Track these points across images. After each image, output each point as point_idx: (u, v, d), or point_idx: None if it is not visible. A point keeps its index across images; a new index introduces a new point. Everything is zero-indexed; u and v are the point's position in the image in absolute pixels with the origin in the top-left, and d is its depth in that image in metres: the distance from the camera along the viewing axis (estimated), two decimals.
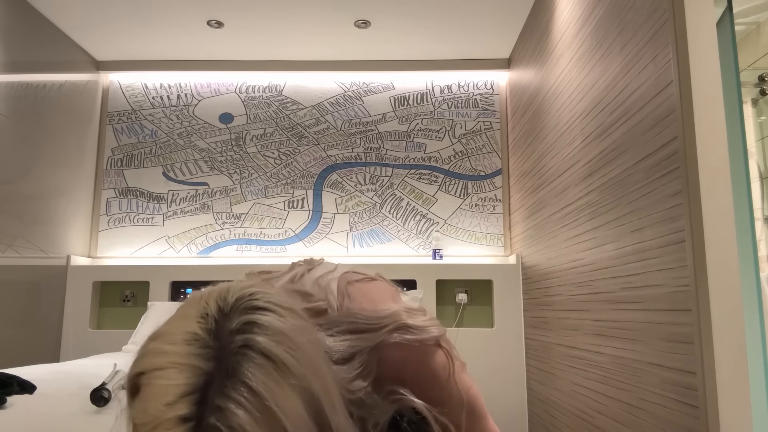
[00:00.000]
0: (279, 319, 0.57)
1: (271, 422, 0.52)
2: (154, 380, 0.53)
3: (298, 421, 0.53)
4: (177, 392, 0.51)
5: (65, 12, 2.70)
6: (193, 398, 0.51)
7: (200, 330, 0.56)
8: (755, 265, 1.37)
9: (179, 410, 0.51)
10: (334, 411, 0.58)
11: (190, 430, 0.50)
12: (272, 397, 0.52)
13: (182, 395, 0.51)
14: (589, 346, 1.91)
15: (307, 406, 0.55)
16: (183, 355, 0.54)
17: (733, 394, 1.19)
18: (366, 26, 2.83)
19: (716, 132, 1.26)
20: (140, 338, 2.54)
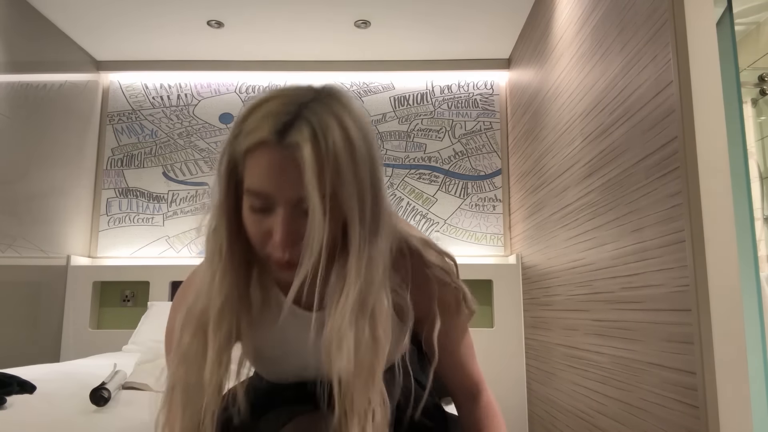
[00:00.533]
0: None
1: (347, 137, 0.70)
2: (258, 107, 0.72)
3: (361, 147, 0.71)
4: (281, 101, 0.71)
5: (65, 12, 2.70)
6: (294, 106, 0.70)
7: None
8: (755, 265, 1.37)
9: (284, 108, 0.70)
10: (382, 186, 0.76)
11: (287, 123, 0.68)
12: (349, 124, 0.70)
13: (287, 103, 0.70)
14: (589, 346, 1.91)
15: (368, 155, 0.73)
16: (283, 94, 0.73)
17: (733, 394, 1.19)
18: (366, 26, 2.83)
19: (716, 132, 1.27)
20: (140, 338, 2.54)
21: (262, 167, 0.70)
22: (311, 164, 0.67)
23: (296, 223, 0.70)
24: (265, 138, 0.69)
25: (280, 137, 0.68)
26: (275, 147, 0.69)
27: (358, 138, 0.71)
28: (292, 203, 0.70)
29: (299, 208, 0.70)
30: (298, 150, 0.67)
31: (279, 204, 0.70)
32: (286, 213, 0.70)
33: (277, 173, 0.69)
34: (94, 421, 1.28)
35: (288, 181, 0.69)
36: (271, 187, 0.70)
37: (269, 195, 0.70)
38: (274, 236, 0.71)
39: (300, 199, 0.69)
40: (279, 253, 0.71)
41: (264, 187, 0.70)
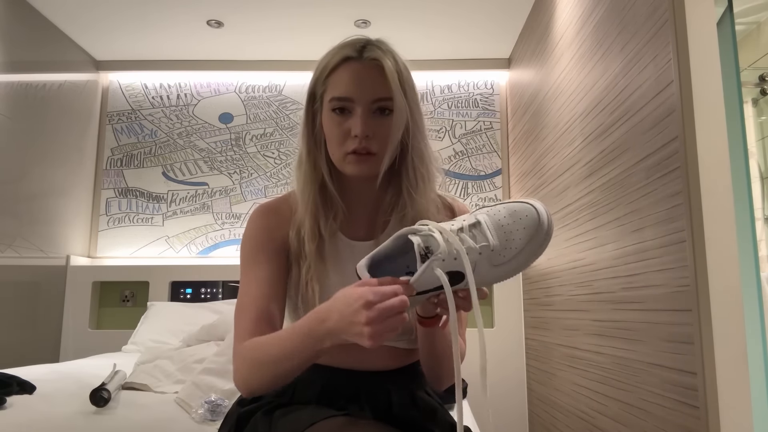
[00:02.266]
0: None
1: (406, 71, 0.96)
2: (331, 49, 0.97)
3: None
4: (351, 37, 0.96)
5: (65, 12, 2.69)
6: (362, 39, 0.95)
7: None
8: (755, 265, 1.37)
9: (356, 39, 0.96)
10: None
11: (363, 46, 0.93)
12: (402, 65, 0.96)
13: (355, 37, 0.96)
14: (589, 346, 1.91)
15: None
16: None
17: (734, 394, 1.18)
18: (366, 26, 2.83)
19: (716, 132, 1.26)
20: (140, 338, 2.54)
21: (347, 76, 0.91)
22: (392, 70, 0.90)
23: (372, 121, 0.91)
24: (348, 54, 0.92)
25: (360, 53, 0.92)
26: (357, 60, 0.92)
27: (405, 61, 0.96)
28: (369, 104, 0.91)
29: (373, 109, 0.91)
30: (378, 60, 0.91)
31: (359, 105, 0.90)
32: (365, 111, 0.90)
33: (360, 79, 0.91)
34: (94, 421, 1.28)
35: (368, 84, 0.90)
36: (355, 90, 0.90)
37: (352, 98, 0.90)
38: (353, 130, 0.90)
39: (375, 100, 0.91)
40: (357, 143, 0.90)
41: (349, 91, 0.90)
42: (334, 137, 0.92)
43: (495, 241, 0.76)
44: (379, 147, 0.91)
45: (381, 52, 0.91)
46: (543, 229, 0.76)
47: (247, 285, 0.95)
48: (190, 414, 1.35)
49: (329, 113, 0.92)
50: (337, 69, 0.92)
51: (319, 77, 0.94)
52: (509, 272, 0.78)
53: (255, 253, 0.97)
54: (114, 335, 2.82)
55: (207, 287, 3.00)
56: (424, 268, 0.75)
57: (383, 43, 0.95)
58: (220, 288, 3.01)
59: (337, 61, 0.92)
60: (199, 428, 1.26)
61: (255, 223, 1.00)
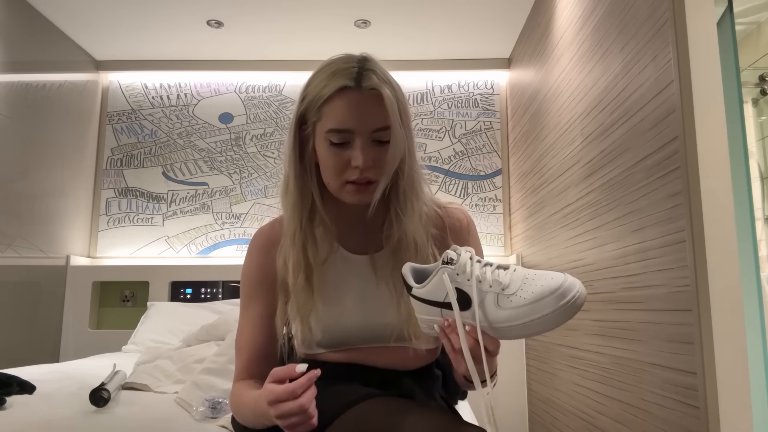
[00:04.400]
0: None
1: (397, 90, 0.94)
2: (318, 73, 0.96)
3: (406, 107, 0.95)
4: (340, 61, 0.94)
5: (65, 12, 2.69)
6: (353, 63, 0.92)
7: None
8: (755, 265, 1.37)
9: (348, 65, 0.91)
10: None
11: (358, 73, 0.89)
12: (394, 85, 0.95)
13: (346, 61, 0.94)
14: (589, 346, 1.91)
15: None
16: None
17: (734, 394, 1.18)
18: (366, 26, 2.83)
19: (716, 132, 1.26)
20: (140, 338, 2.53)
21: (345, 107, 0.89)
22: (391, 99, 0.89)
23: (372, 150, 0.90)
24: (344, 84, 0.88)
25: (358, 83, 0.88)
26: (355, 90, 0.88)
27: (397, 83, 0.95)
28: (368, 134, 0.89)
29: (371, 139, 0.90)
30: (378, 89, 0.88)
31: (358, 136, 0.89)
32: (364, 142, 0.89)
33: (359, 110, 0.89)
34: (93, 421, 1.28)
35: (367, 115, 0.89)
36: (354, 122, 0.88)
37: (351, 129, 0.89)
38: (353, 162, 0.89)
39: (375, 131, 0.89)
40: (357, 174, 0.90)
41: (347, 122, 0.88)
42: (331, 167, 0.91)
43: (509, 283, 0.77)
44: (376, 175, 0.91)
45: (378, 80, 0.89)
46: (559, 296, 0.74)
47: (244, 323, 1.00)
48: (191, 412, 1.35)
49: (325, 143, 0.91)
50: (333, 99, 0.89)
51: (310, 104, 0.92)
52: (511, 320, 0.75)
53: (249, 292, 1.01)
54: (114, 335, 2.82)
55: (207, 287, 3.00)
56: (436, 272, 0.79)
57: (375, 65, 0.92)
58: (220, 288, 3.01)
59: (332, 91, 0.89)
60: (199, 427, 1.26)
61: (250, 258, 1.02)
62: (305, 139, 0.95)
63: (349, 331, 0.98)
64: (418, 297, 0.82)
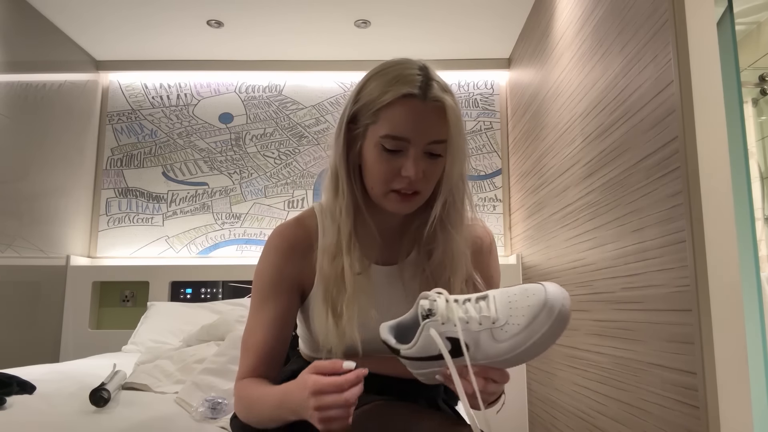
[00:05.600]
0: None
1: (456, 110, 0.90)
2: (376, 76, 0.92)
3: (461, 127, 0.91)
4: (406, 67, 0.92)
5: (65, 12, 2.69)
6: (420, 71, 0.90)
7: None
8: (755, 265, 1.37)
9: (414, 72, 0.90)
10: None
11: (424, 82, 0.88)
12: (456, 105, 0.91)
13: (412, 68, 0.91)
14: (589, 346, 1.91)
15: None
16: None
17: (734, 394, 1.18)
18: (366, 26, 2.83)
19: (716, 132, 1.26)
20: (140, 338, 2.53)
21: (407, 115, 0.87)
22: (454, 112, 0.88)
23: (424, 162, 0.89)
24: (410, 92, 0.87)
25: (424, 92, 0.87)
26: (420, 100, 0.87)
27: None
28: (424, 146, 0.88)
29: (425, 151, 0.88)
30: (440, 103, 0.87)
31: (413, 146, 0.88)
32: (419, 154, 0.88)
33: (420, 120, 0.87)
34: (93, 421, 1.28)
35: (427, 126, 0.87)
36: (413, 131, 0.87)
37: (408, 138, 0.87)
38: (404, 171, 0.88)
39: (431, 143, 0.88)
40: (405, 184, 0.88)
41: (407, 131, 0.87)
42: (379, 173, 0.90)
43: (497, 314, 0.75)
44: (424, 187, 0.91)
45: (442, 92, 0.88)
46: (548, 311, 0.74)
47: (255, 324, 0.97)
48: (191, 412, 1.35)
49: (377, 148, 0.89)
50: (394, 105, 0.87)
51: (366, 106, 0.90)
52: (513, 349, 0.75)
53: (266, 292, 0.97)
54: (114, 335, 2.82)
55: (207, 287, 3.00)
56: (421, 329, 0.76)
57: (436, 75, 0.91)
58: (220, 288, 3.01)
59: (395, 97, 0.87)
60: (199, 427, 1.26)
61: (268, 258, 0.98)
62: (352, 139, 0.93)
63: (368, 342, 0.95)
64: (409, 357, 0.79)
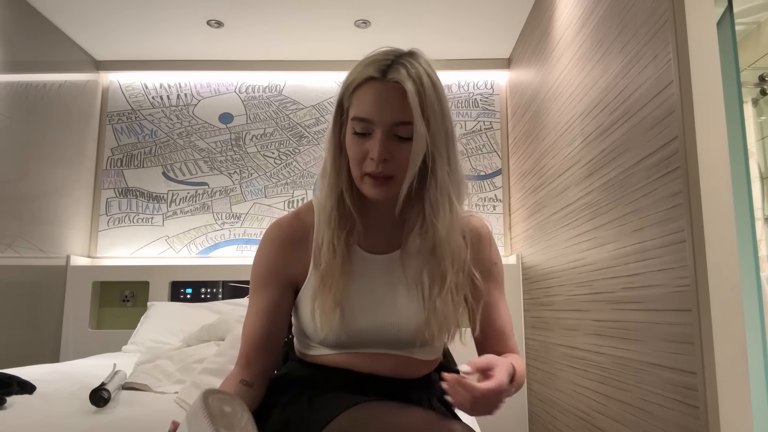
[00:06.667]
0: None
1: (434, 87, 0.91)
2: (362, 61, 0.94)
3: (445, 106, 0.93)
4: (380, 52, 0.95)
5: (65, 12, 2.69)
6: (391, 56, 0.92)
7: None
8: (755, 265, 1.37)
9: (384, 56, 0.93)
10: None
11: (388, 65, 0.91)
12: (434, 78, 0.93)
13: (385, 53, 0.94)
14: (589, 346, 1.91)
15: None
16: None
17: (733, 394, 1.18)
18: (366, 26, 2.83)
19: (716, 132, 1.26)
20: (140, 338, 2.54)
21: (368, 97, 0.90)
22: (413, 94, 0.87)
23: (390, 145, 0.90)
24: (371, 74, 0.90)
25: (383, 74, 0.89)
26: (380, 81, 0.89)
27: (437, 80, 0.93)
28: (389, 128, 0.89)
29: (392, 133, 0.90)
30: (399, 84, 0.88)
31: (378, 127, 0.89)
32: (383, 135, 0.89)
33: (381, 101, 0.89)
34: (94, 421, 1.28)
35: (388, 108, 0.89)
36: (374, 112, 0.89)
37: (371, 120, 0.89)
38: (371, 152, 0.89)
39: (395, 124, 0.89)
40: (374, 167, 0.89)
41: (368, 113, 0.89)
42: (352, 156, 0.93)
43: None
44: (396, 171, 0.91)
45: (405, 74, 0.89)
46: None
47: (250, 312, 1.00)
48: None
49: (351, 131, 0.92)
50: (361, 87, 0.91)
51: (346, 90, 0.94)
52: None
53: (261, 282, 0.99)
54: (114, 335, 2.82)
55: (207, 287, 3.00)
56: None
57: (413, 60, 0.92)
58: (220, 288, 3.01)
59: (361, 79, 0.91)
60: None
61: (265, 248, 1.01)
62: (343, 123, 0.95)
63: (362, 331, 0.96)
64: None
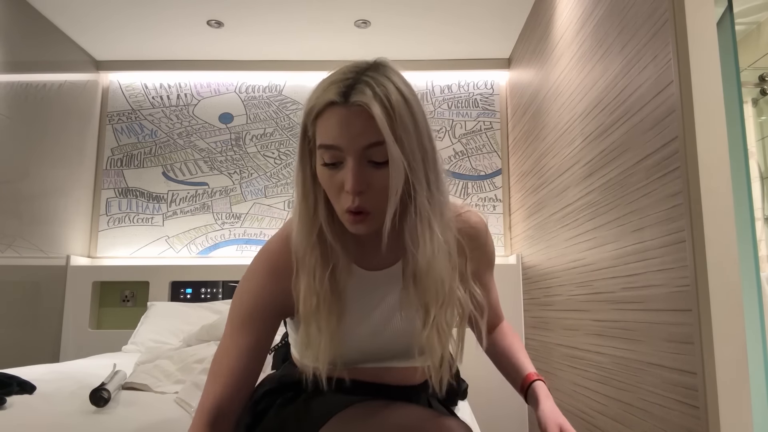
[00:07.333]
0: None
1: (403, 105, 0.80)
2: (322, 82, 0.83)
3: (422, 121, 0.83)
4: (342, 71, 0.82)
5: (65, 12, 2.69)
6: (352, 73, 0.81)
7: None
8: (755, 265, 1.37)
9: (345, 76, 0.81)
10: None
11: (349, 86, 0.79)
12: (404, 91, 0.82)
13: (346, 72, 0.82)
14: (589, 346, 1.91)
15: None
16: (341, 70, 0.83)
17: (734, 394, 1.18)
18: (366, 26, 2.83)
19: (716, 132, 1.26)
20: (140, 338, 2.54)
21: (332, 124, 0.79)
22: (381, 117, 0.77)
23: (364, 173, 0.79)
24: (331, 99, 0.79)
25: (345, 98, 0.78)
26: (342, 106, 0.79)
27: (410, 94, 0.82)
28: (360, 152, 0.79)
29: (365, 159, 0.79)
30: (364, 106, 0.77)
31: (348, 155, 0.79)
32: (355, 162, 0.79)
33: (345, 127, 0.78)
34: (93, 421, 1.28)
35: (355, 132, 0.78)
36: (340, 139, 0.78)
37: (339, 147, 0.79)
38: (345, 184, 0.79)
39: (366, 147, 0.78)
40: (350, 201, 0.80)
41: (334, 140, 0.79)
42: (328, 190, 0.83)
43: None
44: (375, 203, 0.81)
45: (370, 94, 0.78)
46: None
47: (231, 347, 0.89)
48: (190, 413, 1.35)
49: (321, 161, 0.82)
50: (323, 114, 0.80)
51: (307, 117, 0.83)
52: None
53: (247, 317, 0.90)
54: (114, 335, 2.82)
55: (207, 287, 3.00)
56: None
57: (377, 75, 0.81)
58: (220, 288, 3.01)
59: (322, 105, 0.80)
60: None
61: (253, 280, 0.91)
62: (312, 153, 0.85)
63: (361, 354, 0.93)
64: None
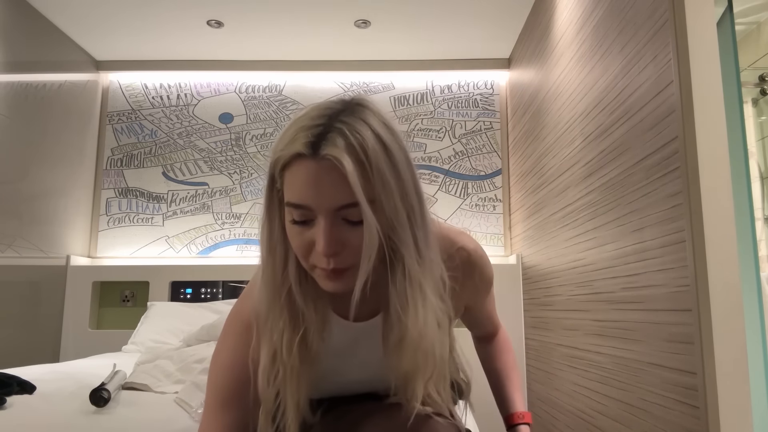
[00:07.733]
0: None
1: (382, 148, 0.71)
2: (293, 123, 0.73)
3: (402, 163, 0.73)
4: (312, 115, 0.72)
5: (65, 12, 2.69)
6: (324, 119, 0.71)
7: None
8: (755, 265, 1.37)
9: (314, 122, 0.71)
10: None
11: (319, 135, 0.69)
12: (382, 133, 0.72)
13: (316, 117, 0.71)
14: (589, 346, 1.91)
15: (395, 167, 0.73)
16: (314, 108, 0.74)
17: (733, 394, 1.18)
18: (366, 26, 2.83)
19: (716, 132, 1.26)
20: (140, 338, 2.53)
21: (300, 180, 0.70)
22: (353, 172, 0.67)
23: (337, 232, 0.71)
24: (299, 151, 0.69)
25: (314, 150, 0.69)
26: (310, 159, 0.69)
27: (391, 141, 0.72)
28: (332, 212, 0.70)
29: (339, 218, 0.71)
30: (335, 160, 0.68)
31: (319, 214, 0.71)
32: (327, 222, 0.70)
33: (315, 184, 0.69)
34: (93, 422, 1.28)
35: (326, 191, 0.69)
36: (310, 198, 0.70)
37: (309, 206, 0.71)
38: (316, 246, 0.71)
39: (340, 208, 0.70)
40: (323, 262, 0.72)
41: (303, 199, 0.70)
42: (296, 248, 0.74)
43: None
44: (353, 260, 0.72)
45: (342, 145, 0.68)
46: None
47: (212, 423, 0.84)
48: (190, 414, 1.35)
49: (289, 218, 0.74)
50: (291, 166, 0.71)
51: (274, 166, 0.74)
52: None
53: (225, 397, 0.84)
54: (114, 335, 2.82)
55: (207, 287, 3.00)
56: None
57: (352, 120, 0.71)
58: (220, 288, 3.01)
59: (289, 156, 0.71)
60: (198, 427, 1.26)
61: (224, 353, 0.85)
62: (281, 203, 0.76)
63: (327, 393, 0.91)
64: None
